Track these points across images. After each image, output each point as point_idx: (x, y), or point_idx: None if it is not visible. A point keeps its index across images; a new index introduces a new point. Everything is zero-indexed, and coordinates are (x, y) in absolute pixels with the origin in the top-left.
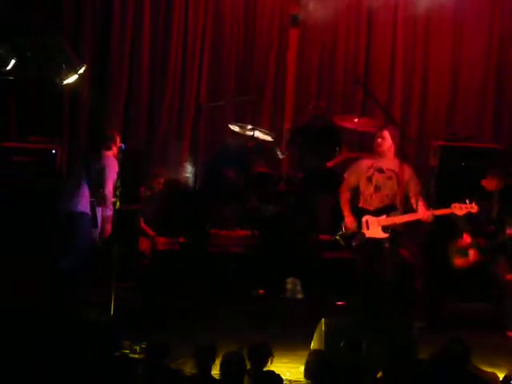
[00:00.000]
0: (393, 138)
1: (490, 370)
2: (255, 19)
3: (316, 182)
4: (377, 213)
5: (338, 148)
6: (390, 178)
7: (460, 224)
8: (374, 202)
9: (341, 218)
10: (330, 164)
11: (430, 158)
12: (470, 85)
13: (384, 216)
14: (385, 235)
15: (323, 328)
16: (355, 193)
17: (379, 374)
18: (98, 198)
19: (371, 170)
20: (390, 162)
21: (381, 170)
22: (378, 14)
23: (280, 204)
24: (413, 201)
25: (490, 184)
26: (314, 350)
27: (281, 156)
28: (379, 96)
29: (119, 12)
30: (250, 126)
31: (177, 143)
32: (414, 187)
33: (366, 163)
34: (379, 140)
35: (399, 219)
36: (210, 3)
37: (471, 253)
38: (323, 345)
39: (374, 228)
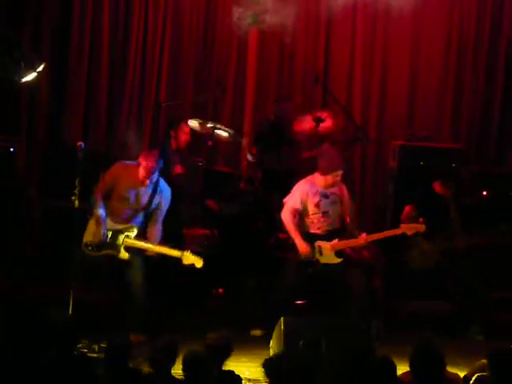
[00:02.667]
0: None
1: (451, 370)
2: (215, 18)
3: (274, 181)
4: (328, 237)
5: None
6: (334, 202)
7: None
8: (323, 226)
9: None
10: (305, 155)
11: (389, 159)
12: (428, 85)
13: (336, 240)
14: (338, 260)
15: (282, 327)
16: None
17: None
18: None
19: (317, 197)
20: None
21: (326, 196)
22: (337, 13)
23: (239, 203)
24: (348, 221)
25: (439, 189)
26: (274, 349)
27: (250, 159)
28: (338, 95)
29: (78, 10)
30: (210, 124)
31: (136, 142)
32: (349, 208)
33: (309, 188)
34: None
35: (350, 243)
36: (169, 1)
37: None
38: (282, 344)
39: (328, 253)
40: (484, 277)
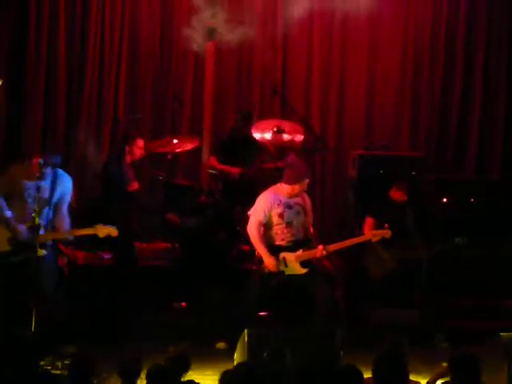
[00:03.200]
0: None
1: (413, 378)
2: (172, 32)
3: (235, 193)
4: (292, 248)
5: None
6: (298, 213)
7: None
8: (287, 237)
9: None
10: (251, 171)
11: (349, 168)
12: (386, 95)
13: (300, 251)
14: (304, 270)
15: (246, 339)
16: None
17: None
18: None
19: (281, 207)
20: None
21: (289, 206)
22: (294, 25)
23: (200, 216)
24: (311, 231)
25: (396, 195)
26: (237, 361)
27: (213, 171)
28: (297, 106)
29: (34, 25)
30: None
31: (95, 157)
32: (310, 217)
33: (273, 199)
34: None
35: (312, 254)
36: (126, 17)
37: None
38: (246, 355)
39: (292, 265)
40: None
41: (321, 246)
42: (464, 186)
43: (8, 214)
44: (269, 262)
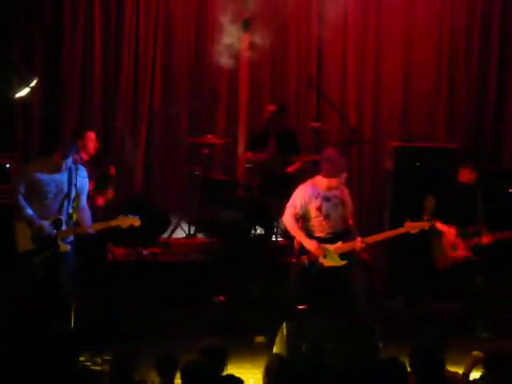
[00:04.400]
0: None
1: (453, 369)
2: (207, 27)
3: (273, 187)
4: (331, 240)
5: (296, 154)
6: (336, 205)
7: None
8: (326, 229)
9: None
10: (290, 169)
11: (386, 160)
12: (422, 84)
13: (339, 243)
14: (343, 263)
15: (285, 332)
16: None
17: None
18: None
19: (319, 200)
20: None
21: (327, 199)
22: (329, 14)
23: (238, 210)
24: (351, 223)
25: (463, 177)
26: (275, 355)
27: (249, 165)
28: (333, 98)
29: (69, 23)
30: None
31: (132, 153)
32: (349, 209)
33: (311, 192)
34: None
35: (352, 246)
36: (160, 11)
37: (461, 247)
38: (285, 349)
39: (332, 256)
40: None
41: (359, 239)
42: (503, 177)
43: (29, 212)
44: (310, 245)
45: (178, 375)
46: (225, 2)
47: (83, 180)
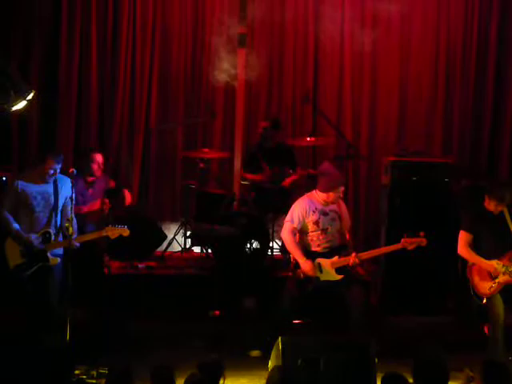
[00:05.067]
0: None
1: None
2: (203, 42)
3: (268, 201)
4: (328, 254)
5: (292, 168)
6: (333, 220)
7: None
8: (322, 244)
9: None
10: (286, 183)
11: (382, 176)
12: (418, 100)
13: (336, 257)
14: (339, 277)
15: (280, 346)
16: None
17: None
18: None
19: (316, 214)
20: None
21: (325, 213)
22: (325, 30)
23: (233, 224)
24: (348, 238)
25: (489, 205)
26: (276, 367)
27: (245, 182)
28: (329, 113)
29: (66, 36)
30: None
31: (128, 168)
32: (346, 223)
33: (308, 206)
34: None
35: (347, 260)
36: (157, 26)
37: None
38: (280, 363)
39: (328, 271)
40: None
41: (353, 254)
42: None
43: (16, 226)
44: (305, 265)
45: None
46: (222, 17)
47: (68, 191)
